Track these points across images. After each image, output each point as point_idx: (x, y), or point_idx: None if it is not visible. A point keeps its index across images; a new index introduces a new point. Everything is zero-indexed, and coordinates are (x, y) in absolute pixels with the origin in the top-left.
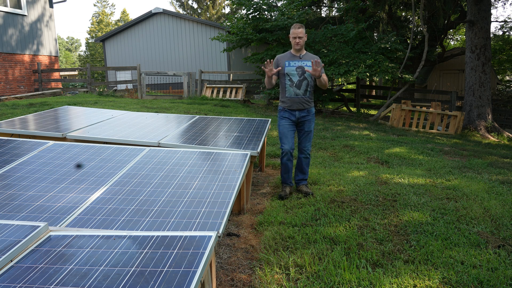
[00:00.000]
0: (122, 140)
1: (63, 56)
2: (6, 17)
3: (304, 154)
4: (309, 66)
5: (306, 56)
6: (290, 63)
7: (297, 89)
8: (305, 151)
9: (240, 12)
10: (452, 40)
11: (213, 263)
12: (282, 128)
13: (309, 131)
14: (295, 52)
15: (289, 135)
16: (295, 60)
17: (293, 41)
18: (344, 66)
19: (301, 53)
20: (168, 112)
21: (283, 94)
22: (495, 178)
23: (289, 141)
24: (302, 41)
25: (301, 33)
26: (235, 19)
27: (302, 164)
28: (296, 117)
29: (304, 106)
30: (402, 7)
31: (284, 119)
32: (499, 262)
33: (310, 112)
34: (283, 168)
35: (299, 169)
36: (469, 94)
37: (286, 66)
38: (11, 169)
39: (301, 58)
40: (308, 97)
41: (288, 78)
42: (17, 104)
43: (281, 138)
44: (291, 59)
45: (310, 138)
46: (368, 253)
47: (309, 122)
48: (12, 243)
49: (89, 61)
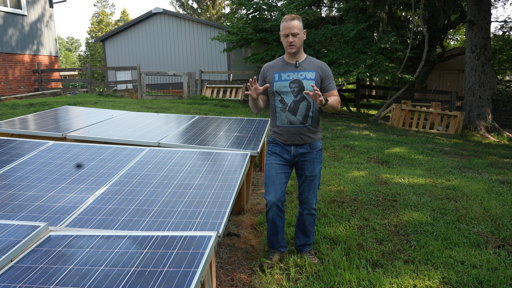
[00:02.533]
0: (122, 140)
1: (63, 56)
2: (6, 17)
3: (307, 210)
4: (311, 79)
5: (306, 63)
6: (281, 76)
7: (292, 115)
8: (308, 205)
9: (240, 12)
10: (452, 40)
11: (213, 263)
12: (269, 170)
13: (312, 176)
14: (289, 58)
15: (277, 181)
16: (289, 70)
17: (285, 41)
18: (344, 66)
19: (298, 58)
20: (168, 112)
21: (273, 121)
22: (495, 178)
23: (276, 188)
24: (298, 40)
25: (296, 28)
26: (235, 19)
27: (304, 223)
28: (291, 154)
29: (304, 139)
30: (402, 7)
31: (273, 155)
32: (499, 262)
33: (314, 148)
34: (270, 228)
35: (301, 229)
36: (469, 94)
37: (275, 81)
38: (11, 169)
39: (298, 67)
40: (309, 126)
41: (278, 98)
42: (17, 104)
43: (266, 184)
44: (283, 69)
45: (314, 187)
46: (368, 253)
47: (311, 163)
48: (12, 243)
49: (89, 61)
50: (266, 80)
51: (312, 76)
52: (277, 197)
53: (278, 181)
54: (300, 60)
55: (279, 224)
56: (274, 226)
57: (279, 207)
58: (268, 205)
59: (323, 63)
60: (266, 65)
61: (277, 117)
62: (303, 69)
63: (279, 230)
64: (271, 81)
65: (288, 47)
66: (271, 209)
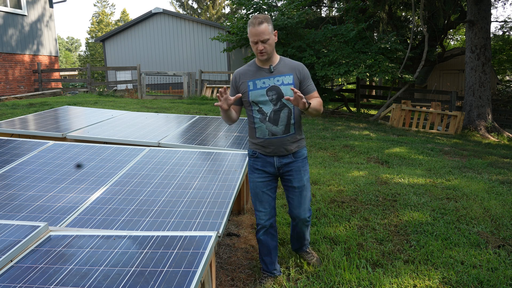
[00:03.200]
0: (122, 140)
1: (63, 56)
2: (6, 17)
3: (301, 222)
4: (289, 84)
5: (280, 66)
6: (256, 84)
7: (274, 125)
8: (301, 219)
9: (240, 12)
10: (452, 40)
11: (213, 263)
12: (254, 188)
13: (300, 186)
14: (261, 63)
15: (265, 199)
16: (264, 76)
17: (254, 48)
18: (344, 66)
19: (272, 62)
20: (168, 112)
21: (252, 132)
22: (495, 178)
23: (265, 207)
24: (269, 46)
25: (265, 33)
26: (235, 19)
27: (299, 233)
28: (275, 166)
29: (288, 149)
30: (402, 7)
31: (255, 172)
32: (499, 262)
33: (299, 157)
34: (263, 248)
35: (296, 237)
36: (469, 94)
37: (250, 90)
38: (11, 169)
39: (273, 72)
40: (293, 135)
41: (256, 108)
42: (17, 104)
43: (255, 204)
44: (257, 76)
45: (304, 198)
46: (368, 253)
47: (297, 172)
48: (12, 243)
49: (89, 61)
50: (239, 89)
51: (289, 80)
52: (267, 215)
53: (266, 200)
54: (274, 63)
55: (272, 243)
56: (266, 246)
57: (270, 225)
58: (258, 225)
59: (299, 63)
60: (237, 72)
61: (256, 129)
62: (279, 73)
63: (272, 249)
64: (246, 91)
65: (258, 54)
66: (262, 229)
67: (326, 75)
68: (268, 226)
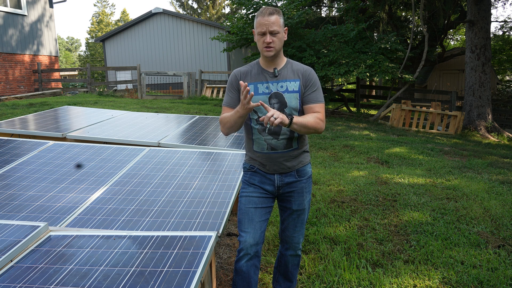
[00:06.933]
0: (122, 140)
1: (63, 56)
2: (6, 17)
3: (291, 250)
4: (294, 91)
5: (286, 70)
6: (257, 88)
7: (274, 139)
8: (292, 245)
9: (240, 12)
10: (452, 40)
11: (213, 263)
12: (245, 203)
13: (300, 210)
14: (265, 64)
15: (256, 217)
16: (267, 81)
17: (260, 41)
18: (344, 66)
19: (277, 64)
20: (168, 112)
21: (249, 144)
22: (495, 178)
23: (255, 228)
24: (278, 40)
25: (276, 24)
26: (235, 19)
27: (287, 266)
28: (275, 185)
29: (290, 166)
30: (402, 7)
31: (252, 186)
32: (499, 262)
33: (303, 175)
34: (240, 282)
35: (282, 272)
36: (469, 94)
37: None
38: (11, 169)
39: (278, 77)
40: (296, 150)
41: (254, 117)
42: (17, 104)
43: (241, 222)
44: (259, 78)
45: (302, 223)
46: (368, 253)
47: (299, 194)
48: (12, 243)
49: (89, 61)
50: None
51: (295, 87)
52: (255, 238)
53: (258, 218)
54: (279, 66)
55: (253, 277)
56: (247, 278)
57: (256, 252)
58: (241, 249)
59: (308, 67)
60: (237, 71)
61: (254, 140)
62: (284, 78)
63: (252, 285)
64: None
65: (264, 49)
66: (245, 256)
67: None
68: (252, 254)
